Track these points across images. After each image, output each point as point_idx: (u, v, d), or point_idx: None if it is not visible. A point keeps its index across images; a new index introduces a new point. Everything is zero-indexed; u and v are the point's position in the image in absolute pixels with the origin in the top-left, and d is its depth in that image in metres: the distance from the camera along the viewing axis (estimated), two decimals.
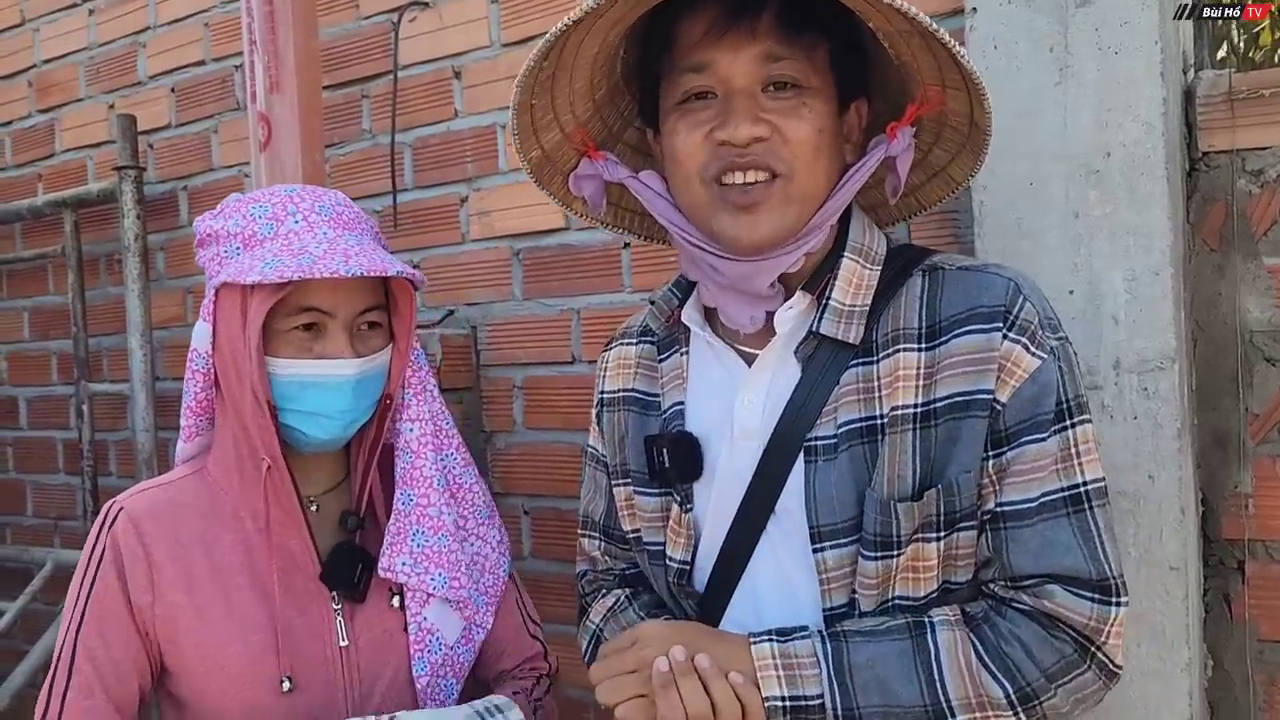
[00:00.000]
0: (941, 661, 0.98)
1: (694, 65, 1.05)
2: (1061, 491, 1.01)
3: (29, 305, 2.89)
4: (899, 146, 1.07)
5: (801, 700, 0.99)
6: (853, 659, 0.99)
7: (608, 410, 1.28)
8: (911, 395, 1.03)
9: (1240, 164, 1.42)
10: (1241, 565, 1.42)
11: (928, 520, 1.02)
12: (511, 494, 2.02)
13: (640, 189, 1.15)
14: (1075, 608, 0.98)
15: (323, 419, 1.23)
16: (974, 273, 1.07)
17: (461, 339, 2.03)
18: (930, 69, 1.04)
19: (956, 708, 0.98)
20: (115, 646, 1.22)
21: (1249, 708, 1.42)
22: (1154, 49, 1.32)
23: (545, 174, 1.21)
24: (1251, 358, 1.42)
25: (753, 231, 1.04)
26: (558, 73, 1.10)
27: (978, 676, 0.98)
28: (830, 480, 1.04)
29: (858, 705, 0.98)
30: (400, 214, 2.13)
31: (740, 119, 1.02)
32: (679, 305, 1.20)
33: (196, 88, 2.47)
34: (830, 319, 1.07)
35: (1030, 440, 1.01)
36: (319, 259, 1.17)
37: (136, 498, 1.28)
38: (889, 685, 0.98)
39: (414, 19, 2.09)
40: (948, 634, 1.00)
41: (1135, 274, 1.34)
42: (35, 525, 2.88)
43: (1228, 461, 1.44)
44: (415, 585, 1.29)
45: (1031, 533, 1.00)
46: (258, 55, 1.77)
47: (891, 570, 1.03)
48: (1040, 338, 1.02)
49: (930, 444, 1.02)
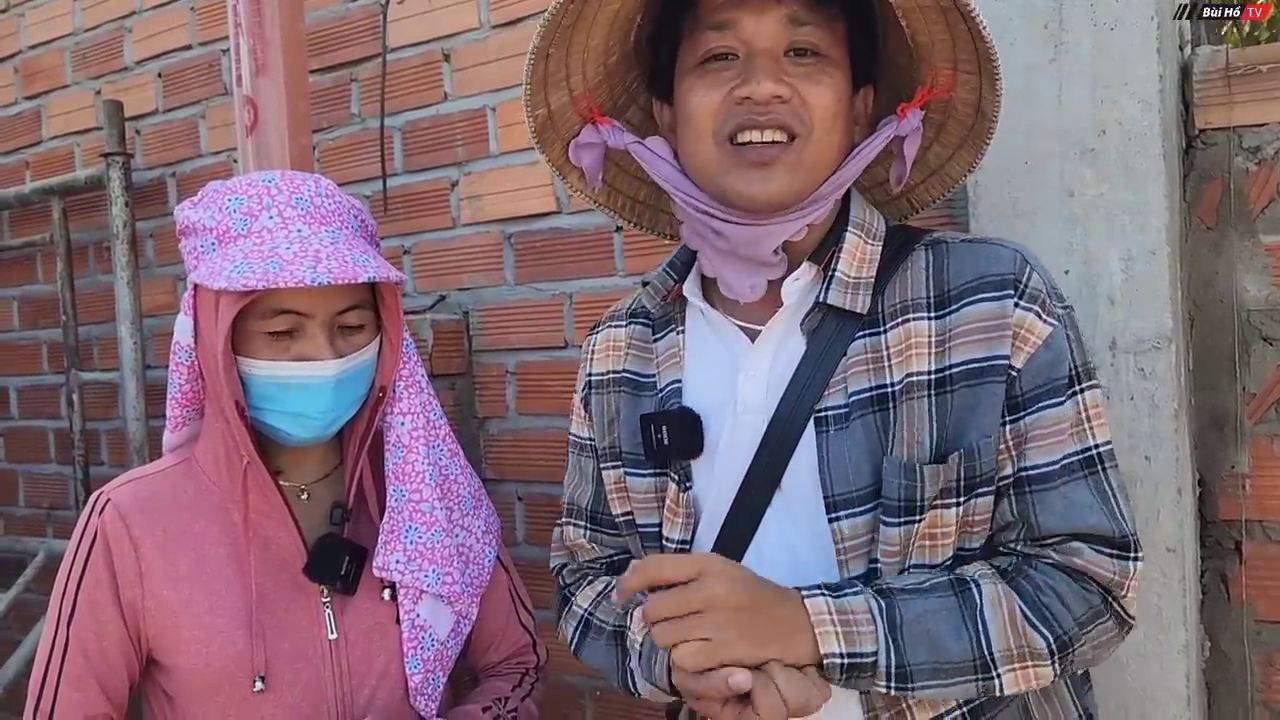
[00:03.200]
0: (986, 615, 0.98)
1: (718, 23, 1.05)
2: (1078, 454, 1.03)
3: (18, 294, 2.86)
4: (908, 127, 1.09)
5: (859, 658, 0.96)
6: (904, 615, 0.98)
7: (596, 393, 1.27)
8: (925, 362, 1.04)
9: (1237, 141, 1.40)
10: (1239, 546, 1.42)
11: (949, 485, 1.03)
12: (505, 480, 2.01)
13: (646, 155, 1.14)
14: (1100, 563, 1.01)
15: (304, 419, 1.22)
16: (980, 244, 1.09)
17: (453, 324, 2.01)
18: (944, 48, 1.05)
19: (999, 659, 0.98)
20: (106, 638, 1.22)
21: (1246, 688, 1.42)
22: (1150, 25, 1.30)
23: (547, 137, 1.19)
24: (1249, 337, 1.41)
25: (765, 187, 1.04)
26: (578, 23, 1.09)
27: (1021, 628, 0.99)
28: (844, 449, 1.04)
29: (909, 662, 0.97)
30: (390, 199, 2.11)
31: (764, 76, 1.02)
32: (675, 284, 1.19)
33: (183, 73, 2.45)
34: (837, 289, 1.08)
35: (1049, 405, 1.02)
36: (287, 263, 1.14)
37: (124, 488, 1.27)
38: (939, 641, 0.97)
39: (402, 1, 2.06)
40: (991, 588, 1.00)
41: (1131, 253, 1.33)
42: (27, 515, 2.87)
43: (1225, 442, 1.43)
44: (409, 583, 1.29)
45: (1056, 495, 1.02)
46: (243, 38, 1.75)
47: (911, 536, 1.03)
48: (1049, 305, 1.04)
49: (946, 410, 1.03)
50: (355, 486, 1.30)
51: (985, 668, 0.98)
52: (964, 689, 0.98)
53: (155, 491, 1.27)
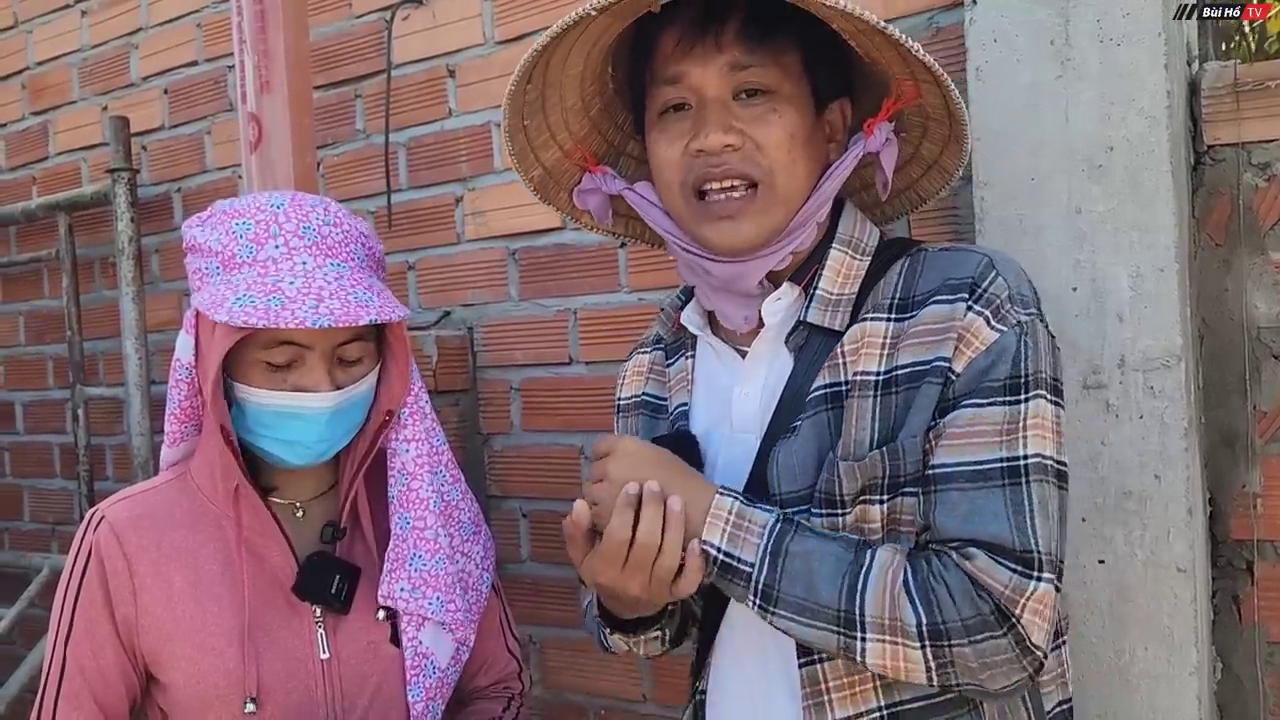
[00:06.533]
0: (871, 575, 0.99)
1: (669, 78, 1.09)
2: (1000, 462, 0.99)
3: (25, 309, 2.87)
4: (876, 142, 1.10)
5: (733, 560, 1.02)
6: (792, 545, 1.01)
7: (623, 416, 1.32)
8: (875, 363, 1.05)
9: (1246, 157, 1.39)
10: (1250, 566, 1.40)
11: (873, 482, 1.03)
12: (510, 497, 2.00)
13: (636, 200, 1.19)
14: (993, 573, 0.95)
15: (298, 446, 1.22)
16: (952, 251, 1.09)
17: (458, 340, 2.01)
18: (898, 64, 1.07)
19: (869, 624, 0.97)
20: (103, 656, 1.22)
21: (1259, 711, 1.40)
22: (1157, 40, 1.29)
23: (549, 190, 1.25)
24: (1259, 355, 1.40)
25: (735, 237, 1.08)
26: (547, 91, 1.14)
27: (897, 599, 0.97)
28: (793, 449, 1.07)
29: (779, 588, 1.00)
30: (395, 214, 2.11)
31: (712, 128, 1.05)
32: (681, 311, 1.23)
33: (189, 89, 2.45)
34: (817, 308, 1.10)
35: (969, 405, 1.00)
36: (289, 300, 1.13)
37: (118, 505, 1.27)
38: (814, 581, 0.99)
39: (407, 17, 2.07)
40: (885, 555, 1.00)
41: (1140, 270, 1.32)
42: (32, 530, 2.87)
43: (1235, 461, 1.41)
44: (414, 610, 1.28)
45: (961, 497, 0.99)
46: (248, 55, 1.75)
47: (838, 529, 1.04)
48: (1005, 311, 1.02)
49: (890, 410, 1.04)
50: (349, 506, 1.30)
51: (850, 624, 0.98)
52: (824, 636, 0.99)
53: (150, 508, 1.27)
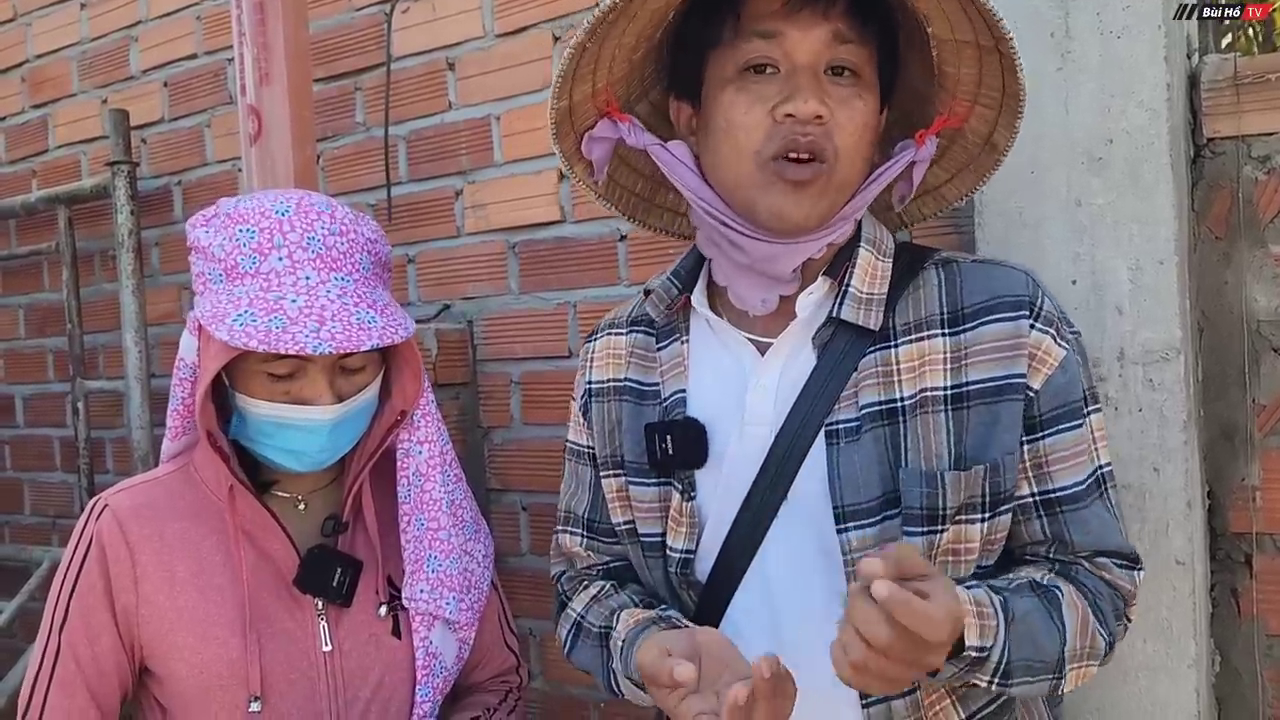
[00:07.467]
0: (1065, 615, 1.00)
1: (763, 31, 1.03)
2: (1093, 476, 1.07)
3: (25, 302, 2.87)
4: (925, 154, 1.12)
5: (981, 651, 0.92)
6: (1016, 611, 0.97)
7: (596, 401, 1.26)
8: (940, 378, 1.06)
9: (1246, 150, 1.39)
10: (1249, 559, 1.40)
11: (972, 500, 1.04)
12: (510, 490, 2.00)
13: (667, 158, 1.13)
14: (1122, 579, 1.07)
15: (299, 455, 1.22)
16: (990, 265, 1.11)
17: (457, 334, 2.01)
18: (970, 82, 1.07)
19: (1069, 658, 1.00)
20: (99, 644, 1.22)
21: (1257, 704, 1.40)
22: (1158, 33, 1.29)
23: (563, 128, 1.18)
24: (1259, 348, 1.40)
25: (797, 209, 1.04)
26: (619, 19, 1.06)
27: (1091, 629, 1.02)
28: (854, 460, 1.05)
29: (1014, 658, 0.95)
30: (394, 208, 2.11)
31: (809, 94, 1.01)
32: (680, 294, 1.19)
33: (189, 81, 2.45)
34: (851, 305, 1.09)
35: (1068, 428, 1.06)
36: (291, 321, 1.12)
37: (122, 494, 1.27)
38: (1037, 639, 0.98)
39: (406, 10, 2.06)
40: (1064, 587, 1.03)
41: (1139, 263, 1.31)
42: (32, 523, 2.87)
43: (1235, 454, 1.41)
44: (433, 611, 1.29)
45: (1089, 514, 1.06)
46: (247, 47, 1.75)
47: (934, 548, 1.03)
48: (1062, 329, 1.07)
49: (964, 425, 1.05)
50: (352, 500, 1.29)
51: (1060, 666, 1.00)
52: (1040, 688, 1.00)
53: (153, 498, 1.27)
